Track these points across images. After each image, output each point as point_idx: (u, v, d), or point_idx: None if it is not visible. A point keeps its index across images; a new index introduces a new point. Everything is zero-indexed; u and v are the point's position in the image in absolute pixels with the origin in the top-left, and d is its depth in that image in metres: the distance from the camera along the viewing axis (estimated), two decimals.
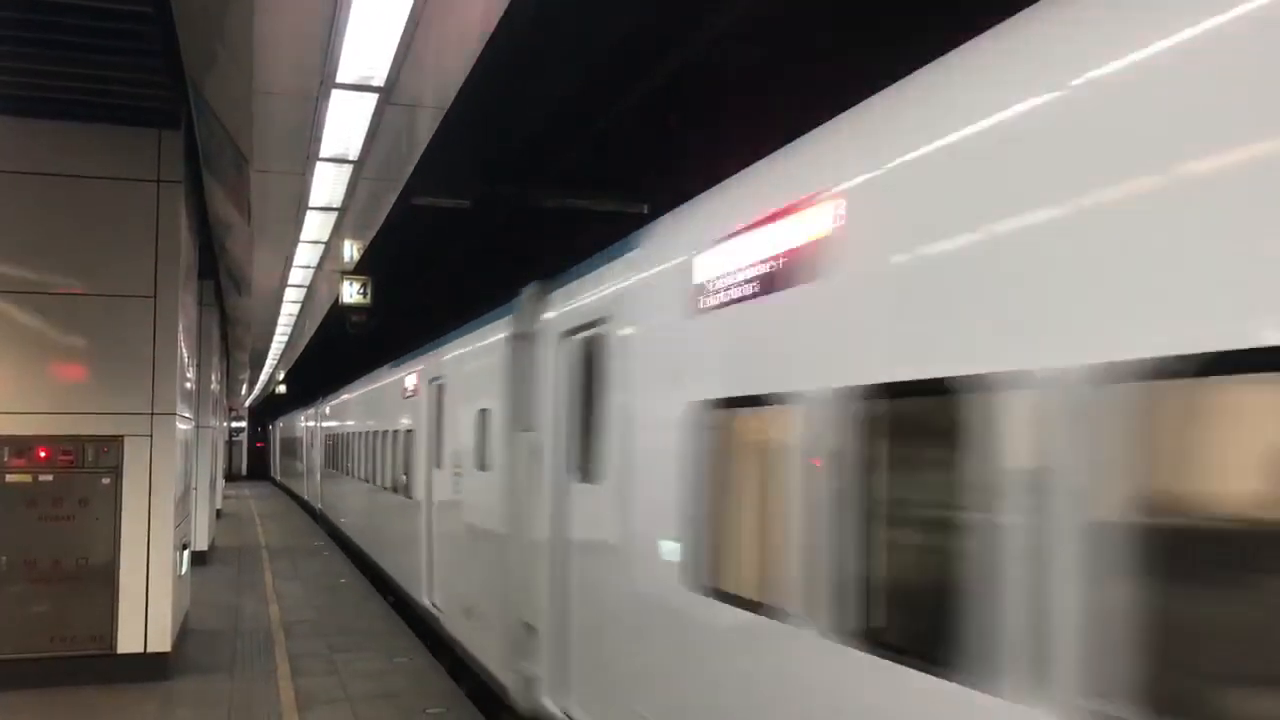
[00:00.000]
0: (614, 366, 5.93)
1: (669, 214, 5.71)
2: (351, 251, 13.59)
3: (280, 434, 47.56)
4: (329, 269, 15.21)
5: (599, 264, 6.46)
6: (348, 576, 17.52)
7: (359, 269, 14.29)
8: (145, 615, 9.69)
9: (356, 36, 6.43)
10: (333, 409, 24.89)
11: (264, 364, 35.82)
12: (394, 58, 6.76)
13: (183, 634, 10.98)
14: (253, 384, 45.36)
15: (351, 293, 14.35)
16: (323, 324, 23.83)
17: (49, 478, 9.56)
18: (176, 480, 10.27)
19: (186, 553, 11.41)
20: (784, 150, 4.49)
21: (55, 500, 9.55)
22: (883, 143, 3.62)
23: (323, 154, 9.03)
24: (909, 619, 3.39)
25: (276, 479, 48.93)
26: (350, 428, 20.58)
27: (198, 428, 15.22)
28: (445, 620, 10.73)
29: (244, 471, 60.57)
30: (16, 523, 9.44)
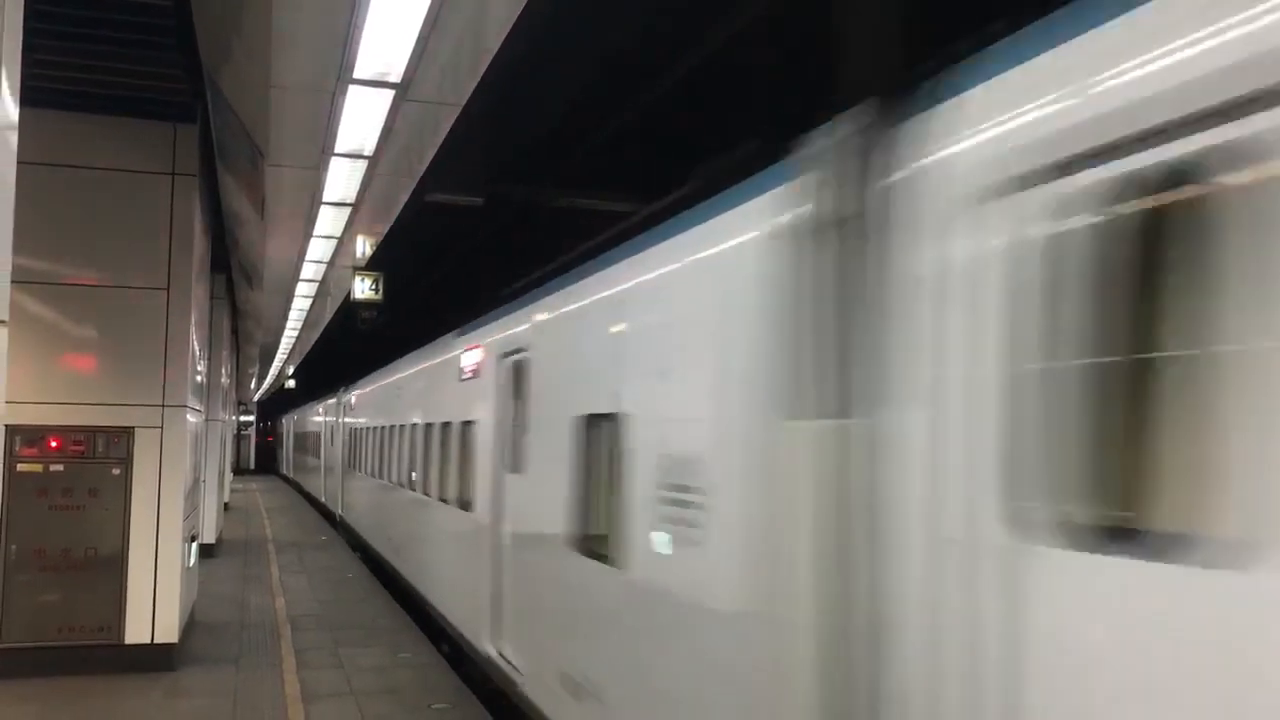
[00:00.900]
0: None
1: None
2: (364, 247, 13.61)
3: (293, 427, 45.36)
4: (341, 264, 15.22)
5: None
6: (354, 571, 17.55)
7: (371, 265, 14.32)
8: (153, 606, 9.73)
9: (375, 32, 6.43)
10: (359, 399, 21.36)
11: (274, 358, 35.90)
12: (411, 54, 6.77)
13: (189, 626, 11.00)
14: (262, 378, 45.41)
15: (364, 288, 14.38)
16: (338, 313, 23.71)
17: (60, 467, 9.59)
18: (186, 473, 10.29)
19: (194, 545, 11.43)
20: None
21: (65, 490, 9.59)
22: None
23: (338, 149, 9.03)
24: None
25: (288, 475, 47.32)
26: (382, 422, 17.17)
27: (207, 420, 15.24)
28: (528, 687, 7.53)
29: (252, 465, 60.69)
30: (27, 512, 9.47)
